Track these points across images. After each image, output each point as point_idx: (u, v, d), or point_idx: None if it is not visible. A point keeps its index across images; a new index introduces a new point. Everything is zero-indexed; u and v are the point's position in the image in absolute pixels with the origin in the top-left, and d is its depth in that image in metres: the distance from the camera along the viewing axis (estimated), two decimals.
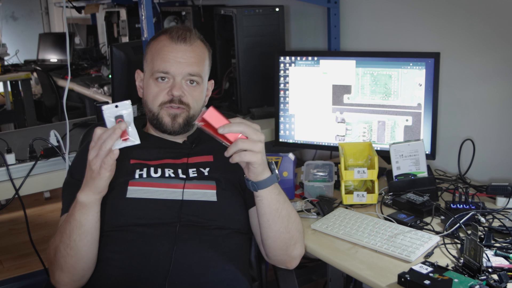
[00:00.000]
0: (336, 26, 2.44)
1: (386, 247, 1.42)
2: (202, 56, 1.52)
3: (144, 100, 1.54)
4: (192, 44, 1.49)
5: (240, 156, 1.23)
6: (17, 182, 1.83)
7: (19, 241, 3.36)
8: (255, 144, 1.24)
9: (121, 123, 1.20)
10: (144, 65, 1.56)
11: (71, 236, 1.27)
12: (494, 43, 1.84)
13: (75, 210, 1.27)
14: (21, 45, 5.38)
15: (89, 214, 1.27)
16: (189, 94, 1.49)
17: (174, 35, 1.48)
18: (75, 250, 1.27)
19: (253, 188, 1.31)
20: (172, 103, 1.48)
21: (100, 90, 3.45)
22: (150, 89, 1.50)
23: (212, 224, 1.39)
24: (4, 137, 2.00)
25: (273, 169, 1.32)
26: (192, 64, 1.48)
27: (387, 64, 1.92)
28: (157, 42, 1.51)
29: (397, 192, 1.74)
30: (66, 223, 1.29)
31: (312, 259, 2.64)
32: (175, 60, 1.46)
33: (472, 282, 1.19)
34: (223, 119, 1.23)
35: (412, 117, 1.91)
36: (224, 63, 2.72)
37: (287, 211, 1.38)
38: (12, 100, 4.72)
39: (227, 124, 1.22)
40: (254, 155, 1.24)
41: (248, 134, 1.23)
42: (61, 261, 1.29)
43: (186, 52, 1.48)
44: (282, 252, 1.42)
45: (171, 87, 1.47)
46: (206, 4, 2.94)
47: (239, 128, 1.22)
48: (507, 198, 1.66)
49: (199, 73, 1.50)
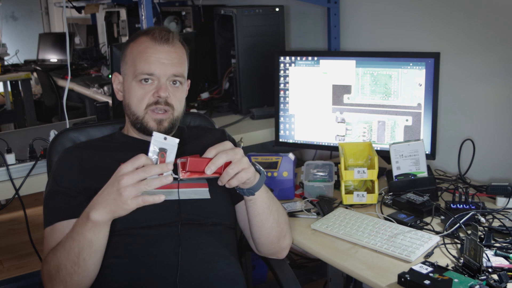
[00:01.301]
0: (336, 26, 2.44)
1: (386, 247, 1.42)
2: (183, 56, 1.51)
3: (126, 103, 1.50)
4: (174, 45, 1.48)
5: (238, 180, 1.25)
6: (17, 182, 1.83)
7: (19, 241, 3.36)
8: (242, 162, 1.25)
9: (168, 175, 1.16)
10: (122, 67, 1.52)
11: (80, 255, 1.22)
12: (494, 43, 1.84)
13: (86, 229, 1.20)
14: (21, 45, 5.37)
15: (101, 233, 1.22)
16: (173, 95, 1.47)
17: (157, 36, 1.46)
18: (83, 268, 1.24)
19: (250, 193, 1.33)
20: (158, 105, 1.45)
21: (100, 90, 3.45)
22: (133, 91, 1.46)
23: (208, 221, 1.41)
24: (4, 137, 2.00)
25: (258, 168, 1.34)
26: (175, 65, 1.47)
27: (387, 64, 1.92)
28: (138, 43, 1.48)
29: (397, 192, 1.74)
30: (73, 241, 1.22)
31: (312, 259, 2.64)
32: (159, 61, 1.44)
33: (472, 282, 1.19)
34: (202, 160, 1.22)
35: (412, 117, 1.91)
36: (224, 63, 2.72)
37: (276, 206, 1.42)
38: (12, 100, 4.71)
39: (210, 163, 1.21)
40: (247, 172, 1.26)
41: (230, 158, 1.24)
42: (66, 278, 1.25)
43: (169, 53, 1.46)
44: (273, 245, 1.46)
45: (156, 88, 1.45)
46: (206, 4, 2.94)
47: (221, 160, 1.23)
48: (507, 198, 1.65)
49: (183, 74, 1.49)
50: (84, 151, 1.48)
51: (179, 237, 1.34)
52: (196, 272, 1.32)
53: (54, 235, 1.35)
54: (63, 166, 1.45)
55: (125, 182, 1.13)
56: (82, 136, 1.64)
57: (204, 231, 1.39)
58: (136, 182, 1.14)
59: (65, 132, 1.63)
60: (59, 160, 1.48)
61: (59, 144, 1.60)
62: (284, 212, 1.48)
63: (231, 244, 1.46)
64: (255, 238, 1.45)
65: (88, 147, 1.54)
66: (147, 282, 1.29)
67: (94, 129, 1.66)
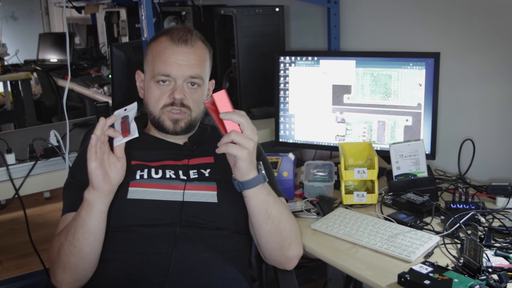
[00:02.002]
0: (336, 26, 2.44)
1: (386, 247, 1.42)
2: (203, 57, 1.51)
3: (145, 102, 1.54)
4: (194, 46, 1.48)
5: (227, 148, 1.25)
6: (17, 182, 1.83)
7: (19, 241, 3.36)
8: (247, 140, 1.25)
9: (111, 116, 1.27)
10: (144, 66, 1.55)
11: (75, 234, 1.28)
12: (494, 43, 1.84)
13: (82, 208, 1.29)
14: (21, 45, 5.38)
15: (92, 213, 1.28)
16: (190, 97, 1.47)
17: (175, 37, 1.46)
18: (78, 248, 1.28)
19: (239, 188, 1.33)
20: (173, 106, 1.47)
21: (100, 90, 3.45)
22: (151, 91, 1.49)
23: (212, 225, 1.39)
24: (4, 137, 2.00)
25: (260, 169, 1.33)
26: (193, 67, 1.47)
27: (387, 64, 1.92)
28: (158, 43, 1.49)
29: (397, 192, 1.74)
30: (73, 221, 1.31)
31: (312, 259, 2.64)
32: (176, 62, 1.45)
33: (472, 282, 1.19)
34: (229, 106, 1.26)
35: (412, 117, 1.91)
36: (224, 63, 2.72)
37: (278, 212, 1.37)
38: (12, 100, 4.72)
39: (229, 111, 1.25)
40: (241, 150, 1.25)
41: (244, 128, 1.26)
42: (64, 260, 1.29)
43: (188, 54, 1.46)
44: (277, 252, 1.42)
45: (172, 90, 1.46)
46: (206, 4, 2.94)
47: (239, 119, 1.25)
48: (507, 198, 1.65)
49: (200, 75, 1.49)
50: None
51: (175, 239, 1.33)
52: (187, 276, 1.30)
53: (63, 225, 1.39)
54: (79, 159, 1.50)
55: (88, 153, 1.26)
56: None
57: (206, 235, 1.37)
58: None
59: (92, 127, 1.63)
60: (78, 153, 1.55)
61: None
62: (292, 221, 1.42)
63: (238, 250, 1.43)
64: (257, 240, 1.43)
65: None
66: (140, 280, 1.30)
67: None
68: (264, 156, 1.61)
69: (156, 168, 1.46)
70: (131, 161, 1.46)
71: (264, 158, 1.59)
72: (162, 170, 1.46)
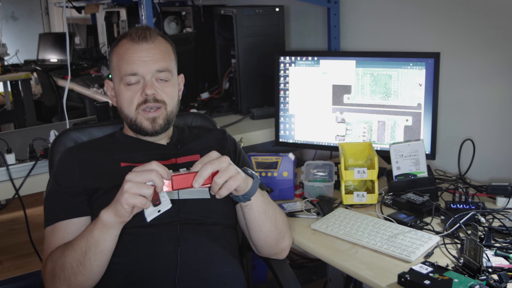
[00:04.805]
0: (336, 26, 2.44)
1: (386, 247, 1.42)
2: (166, 51, 1.50)
3: (119, 108, 1.51)
4: (154, 41, 1.47)
5: (227, 189, 1.25)
6: (17, 182, 1.83)
7: (19, 241, 3.36)
8: (229, 170, 1.24)
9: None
10: (111, 73, 1.54)
11: (87, 254, 1.24)
12: (494, 43, 1.84)
13: (95, 228, 1.24)
14: (21, 45, 5.37)
15: (108, 235, 1.24)
16: (161, 91, 1.46)
17: (135, 36, 1.46)
18: (88, 268, 1.25)
19: (245, 199, 1.33)
20: (147, 103, 1.45)
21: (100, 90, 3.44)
22: (122, 95, 1.47)
23: (208, 221, 1.42)
24: (4, 137, 2.00)
25: (251, 173, 1.34)
26: (158, 61, 1.46)
27: (387, 64, 1.92)
28: (119, 47, 1.48)
29: (397, 192, 1.74)
30: (82, 239, 1.25)
31: (312, 259, 2.64)
32: (141, 59, 1.44)
33: (472, 282, 1.19)
34: (188, 175, 1.23)
35: (412, 117, 1.91)
36: (224, 63, 2.72)
37: (273, 209, 1.42)
38: (12, 100, 4.71)
39: (197, 176, 1.22)
40: (236, 179, 1.25)
41: (216, 167, 1.24)
42: (70, 278, 1.26)
43: (150, 50, 1.46)
44: (273, 247, 1.47)
45: (142, 87, 1.45)
46: (206, 4, 2.94)
47: (207, 172, 1.23)
48: (507, 198, 1.65)
49: (167, 68, 1.48)
50: (84, 151, 1.49)
51: (178, 237, 1.35)
52: (195, 272, 1.32)
53: (55, 234, 1.36)
54: (63, 166, 1.45)
55: (127, 187, 1.17)
56: (83, 136, 1.64)
57: (204, 231, 1.40)
58: (137, 189, 1.17)
59: (67, 132, 1.63)
60: (59, 160, 1.49)
61: (60, 144, 1.60)
62: (282, 214, 1.48)
63: (231, 244, 1.46)
64: (254, 242, 1.46)
65: (88, 147, 1.54)
66: (146, 281, 1.30)
67: (95, 129, 1.67)
68: (244, 155, 1.63)
69: None
70: (120, 163, 1.45)
71: (244, 156, 1.62)
72: None
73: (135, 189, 1.17)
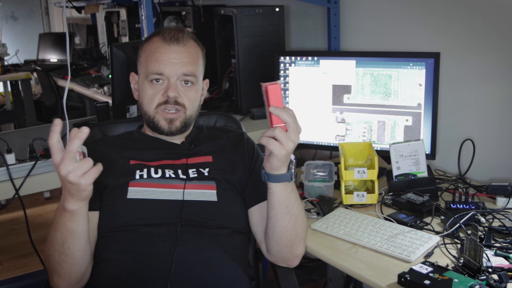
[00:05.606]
0: (336, 26, 2.44)
1: (386, 247, 1.42)
2: (195, 56, 1.52)
3: (140, 103, 1.54)
4: (186, 44, 1.49)
5: (268, 142, 1.23)
6: (17, 182, 1.83)
7: (19, 241, 3.36)
8: (288, 141, 1.23)
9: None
10: (138, 67, 1.55)
11: (65, 244, 1.25)
12: (495, 43, 1.84)
13: (66, 219, 1.22)
14: (21, 45, 5.37)
15: (80, 220, 1.24)
16: (184, 94, 1.48)
17: (167, 36, 1.47)
18: (69, 256, 1.26)
19: (264, 178, 1.31)
20: (167, 104, 1.47)
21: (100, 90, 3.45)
22: (145, 91, 1.49)
23: (212, 224, 1.40)
24: (4, 137, 2.00)
25: (290, 168, 1.32)
26: (186, 64, 1.47)
27: (387, 64, 1.92)
28: (150, 44, 1.50)
29: (397, 192, 1.74)
30: (56, 232, 1.25)
31: (312, 259, 2.64)
32: (169, 61, 1.46)
33: (472, 282, 1.19)
34: (281, 101, 1.24)
35: (412, 117, 1.91)
36: (224, 63, 2.72)
37: (297, 210, 1.38)
38: (12, 100, 4.72)
39: (280, 108, 1.22)
40: (280, 149, 1.23)
41: (290, 129, 1.23)
42: (57, 267, 1.28)
43: (180, 52, 1.48)
44: (286, 249, 1.41)
45: (166, 88, 1.46)
46: (206, 4, 2.94)
47: (287, 118, 1.22)
48: (507, 198, 1.65)
49: (194, 73, 1.49)
50: (99, 147, 1.50)
51: (176, 238, 1.34)
52: (190, 274, 1.30)
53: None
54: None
55: (73, 178, 1.14)
56: (108, 131, 1.70)
57: (207, 234, 1.37)
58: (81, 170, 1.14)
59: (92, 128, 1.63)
60: None
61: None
62: (305, 221, 1.43)
63: (238, 249, 1.43)
64: (269, 234, 1.40)
65: (104, 143, 1.56)
66: (141, 280, 1.30)
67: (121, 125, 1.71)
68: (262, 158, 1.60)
69: (156, 168, 1.46)
70: (129, 161, 1.46)
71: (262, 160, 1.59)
72: (161, 170, 1.46)
73: (80, 171, 1.13)
